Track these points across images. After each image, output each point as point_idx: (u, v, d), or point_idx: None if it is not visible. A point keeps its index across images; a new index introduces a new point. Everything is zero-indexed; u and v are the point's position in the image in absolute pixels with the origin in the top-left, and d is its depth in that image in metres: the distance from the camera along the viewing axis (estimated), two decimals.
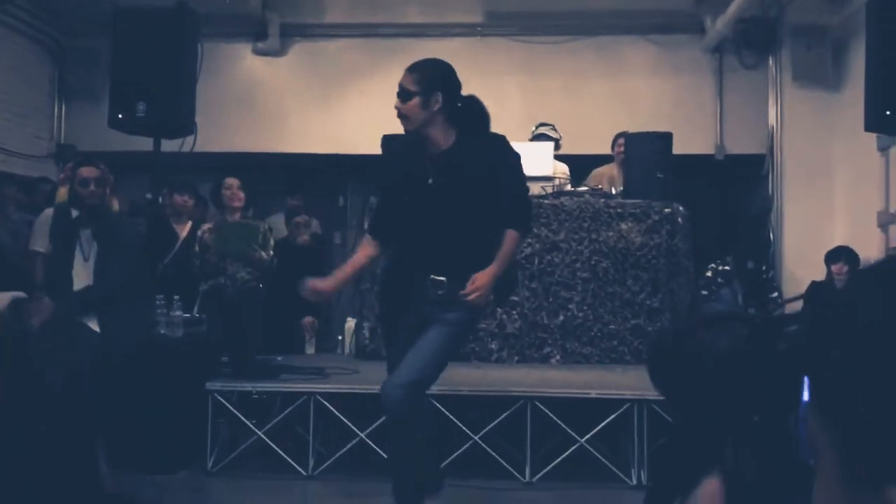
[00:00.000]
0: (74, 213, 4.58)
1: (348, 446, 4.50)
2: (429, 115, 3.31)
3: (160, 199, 5.63)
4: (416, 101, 3.32)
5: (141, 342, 4.60)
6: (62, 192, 4.63)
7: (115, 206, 4.67)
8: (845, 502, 0.51)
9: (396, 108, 3.35)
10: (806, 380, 0.69)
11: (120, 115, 5.00)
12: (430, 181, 3.30)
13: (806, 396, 0.70)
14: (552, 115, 6.78)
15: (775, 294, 6.70)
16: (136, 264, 4.63)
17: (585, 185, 6.14)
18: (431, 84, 3.35)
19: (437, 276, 3.28)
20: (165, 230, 5.92)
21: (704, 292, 6.27)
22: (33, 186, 6.68)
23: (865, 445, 0.49)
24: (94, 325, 4.45)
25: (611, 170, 6.51)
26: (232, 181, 5.54)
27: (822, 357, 0.53)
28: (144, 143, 5.24)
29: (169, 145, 5.26)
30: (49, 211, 5.26)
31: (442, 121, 3.33)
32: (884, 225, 6.31)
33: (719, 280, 6.39)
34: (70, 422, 0.71)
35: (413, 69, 3.40)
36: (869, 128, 4.88)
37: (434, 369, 3.32)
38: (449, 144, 3.34)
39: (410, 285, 3.34)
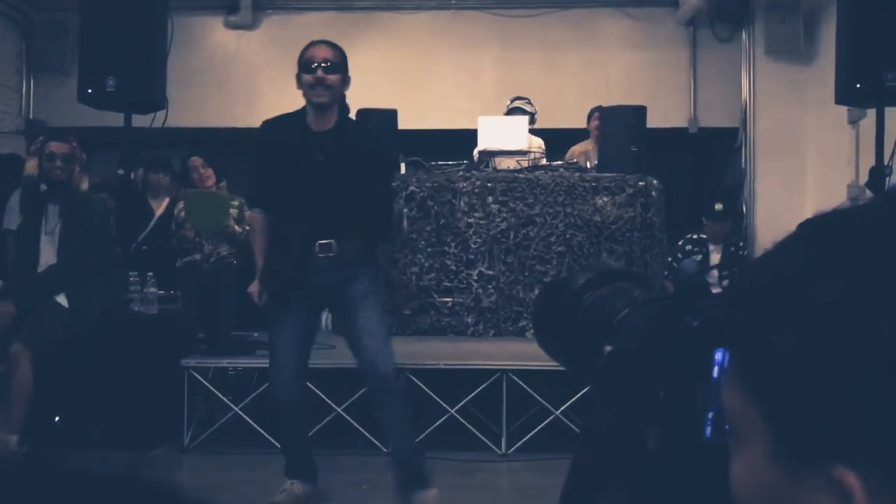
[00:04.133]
0: (43, 186, 4.53)
1: (325, 421, 4.52)
2: (341, 93, 3.47)
3: (132, 176, 5.57)
4: (338, 76, 3.43)
5: (111, 318, 4.57)
6: (31, 165, 4.57)
7: (85, 184, 4.60)
8: (780, 482, 0.49)
9: (320, 77, 3.39)
10: (722, 354, 0.68)
11: (89, 90, 4.92)
12: (320, 157, 3.41)
13: (716, 372, 0.68)
14: (527, 89, 6.77)
15: None
16: (102, 242, 4.59)
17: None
18: (345, 65, 3.49)
19: (325, 240, 3.40)
20: (141, 206, 5.88)
21: (670, 259, 6.35)
22: (2, 163, 6.58)
23: (810, 422, 0.47)
24: (63, 300, 4.42)
25: (587, 146, 6.53)
26: (195, 162, 5.48)
27: (752, 330, 0.51)
28: (115, 119, 5.17)
29: (140, 120, 5.20)
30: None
31: (339, 102, 3.48)
32: (854, 198, 6.38)
33: (687, 248, 6.45)
34: None
35: (332, 45, 3.50)
36: (839, 101, 4.92)
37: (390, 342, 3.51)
38: (332, 124, 3.46)
39: (300, 259, 3.43)
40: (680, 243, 6.49)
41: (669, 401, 0.71)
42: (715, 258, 6.43)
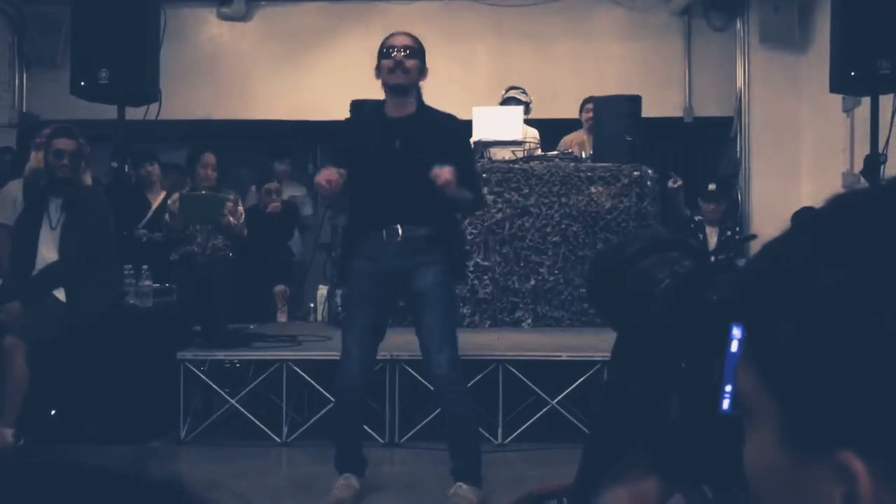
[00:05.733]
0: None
1: (322, 412, 4.52)
2: (418, 80, 3.52)
3: (126, 169, 5.57)
4: (417, 62, 3.49)
5: (109, 312, 4.56)
6: (37, 158, 4.55)
7: (88, 179, 4.60)
8: (787, 465, 0.49)
9: (399, 60, 3.44)
10: (739, 332, 0.68)
11: (82, 83, 4.90)
12: (397, 145, 3.43)
13: (735, 348, 0.69)
14: (521, 79, 6.75)
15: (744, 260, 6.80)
16: (102, 239, 4.58)
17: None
18: (424, 55, 3.55)
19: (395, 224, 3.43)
20: (138, 199, 5.90)
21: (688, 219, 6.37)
22: None
23: (815, 407, 0.47)
24: (61, 295, 4.41)
25: (580, 136, 6.52)
26: (210, 158, 5.50)
27: (760, 314, 0.51)
28: (108, 111, 5.15)
29: (133, 113, 5.18)
30: (13, 183, 5.17)
31: (416, 92, 3.54)
32: (849, 186, 6.39)
33: (691, 226, 6.45)
34: None
35: (411, 35, 3.56)
36: (834, 89, 4.92)
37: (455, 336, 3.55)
38: (411, 111, 3.51)
39: (372, 246, 3.46)
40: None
41: (690, 372, 0.72)
42: (712, 242, 6.46)
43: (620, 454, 0.77)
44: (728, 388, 0.70)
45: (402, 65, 3.44)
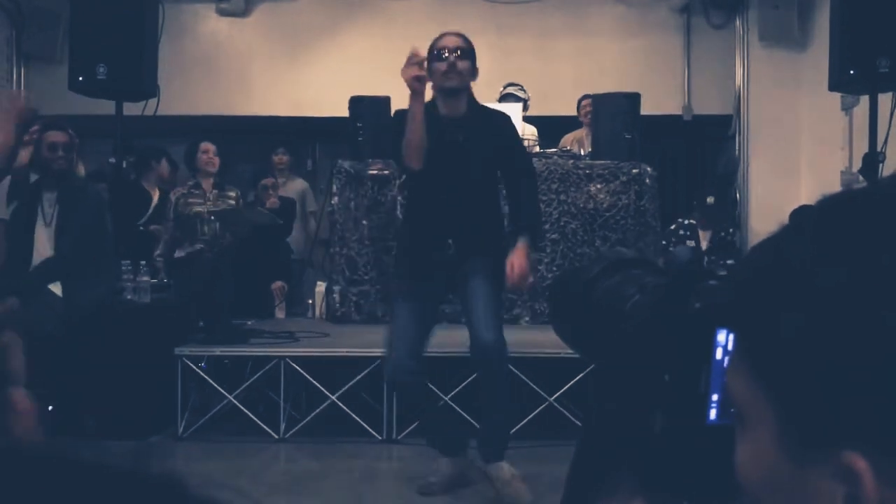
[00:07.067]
0: (33, 176, 4.52)
1: (319, 409, 4.52)
2: (470, 81, 3.58)
3: (124, 164, 5.56)
4: (468, 63, 3.54)
5: (107, 307, 4.56)
6: (23, 154, 4.54)
7: (81, 171, 4.61)
8: (787, 467, 0.48)
9: (452, 63, 3.48)
10: (726, 336, 0.67)
11: (80, 78, 4.90)
12: (460, 139, 3.48)
13: (720, 355, 0.68)
14: (520, 76, 6.75)
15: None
16: (98, 229, 4.58)
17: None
18: (475, 55, 3.61)
19: (449, 237, 3.49)
20: (138, 193, 5.90)
21: (665, 243, 6.35)
22: None
23: (817, 406, 0.46)
24: (57, 290, 4.41)
25: (580, 133, 6.52)
26: (209, 146, 5.52)
27: (757, 314, 0.50)
28: (106, 107, 5.15)
29: (131, 108, 5.18)
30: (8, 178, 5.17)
31: (468, 91, 3.60)
32: (847, 184, 6.39)
33: (681, 233, 6.44)
34: None
35: (461, 35, 3.61)
36: (833, 87, 4.92)
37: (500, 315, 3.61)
38: (463, 111, 3.56)
39: (428, 252, 3.53)
40: (672, 227, 6.51)
41: (674, 383, 0.71)
42: (704, 243, 6.45)
43: (606, 476, 0.76)
44: (715, 396, 0.69)
45: (455, 67, 3.48)
